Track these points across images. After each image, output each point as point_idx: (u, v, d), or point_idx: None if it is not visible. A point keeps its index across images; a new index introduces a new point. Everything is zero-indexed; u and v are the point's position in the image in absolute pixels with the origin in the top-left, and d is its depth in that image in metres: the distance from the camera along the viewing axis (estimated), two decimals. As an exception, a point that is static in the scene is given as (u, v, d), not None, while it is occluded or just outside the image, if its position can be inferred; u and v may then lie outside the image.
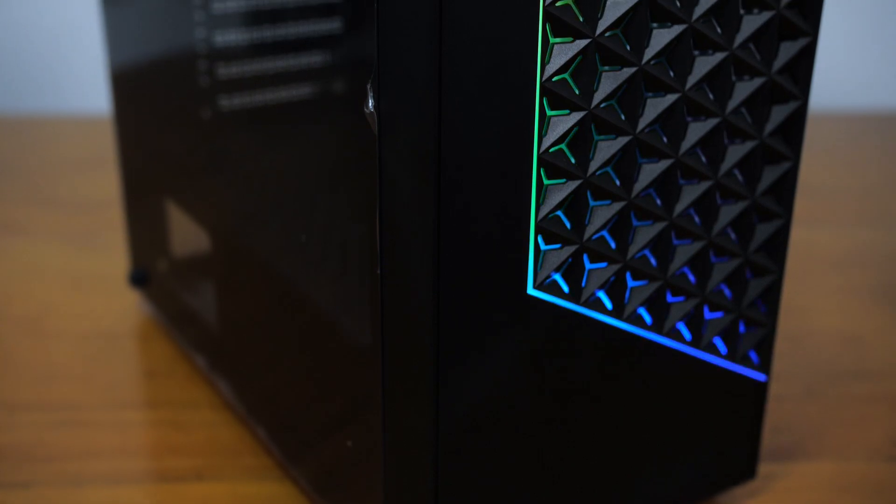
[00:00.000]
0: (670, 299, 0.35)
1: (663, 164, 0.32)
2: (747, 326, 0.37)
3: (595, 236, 0.32)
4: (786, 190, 0.35)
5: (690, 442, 0.37)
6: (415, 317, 0.31)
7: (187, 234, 0.48)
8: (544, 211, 0.31)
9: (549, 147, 0.30)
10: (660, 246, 0.33)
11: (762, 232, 0.36)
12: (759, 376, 0.38)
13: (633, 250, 0.33)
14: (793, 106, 0.34)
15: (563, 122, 0.30)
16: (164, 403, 0.48)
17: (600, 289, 0.33)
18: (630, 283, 0.33)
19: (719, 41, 0.32)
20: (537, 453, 0.34)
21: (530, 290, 0.31)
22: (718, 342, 0.36)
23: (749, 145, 0.34)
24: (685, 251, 0.34)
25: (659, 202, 0.33)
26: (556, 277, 0.32)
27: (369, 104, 0.29)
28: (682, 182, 0.33)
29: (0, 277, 0.61)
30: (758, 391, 0.38)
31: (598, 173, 0.31)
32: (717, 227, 0.34)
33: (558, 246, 0.31)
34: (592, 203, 0.32)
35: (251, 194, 0.40)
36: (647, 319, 0.34)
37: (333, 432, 0.37)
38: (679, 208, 0.33)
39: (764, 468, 0.43)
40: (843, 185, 0.78)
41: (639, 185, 0.32)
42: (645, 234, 0.33)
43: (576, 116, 0.30)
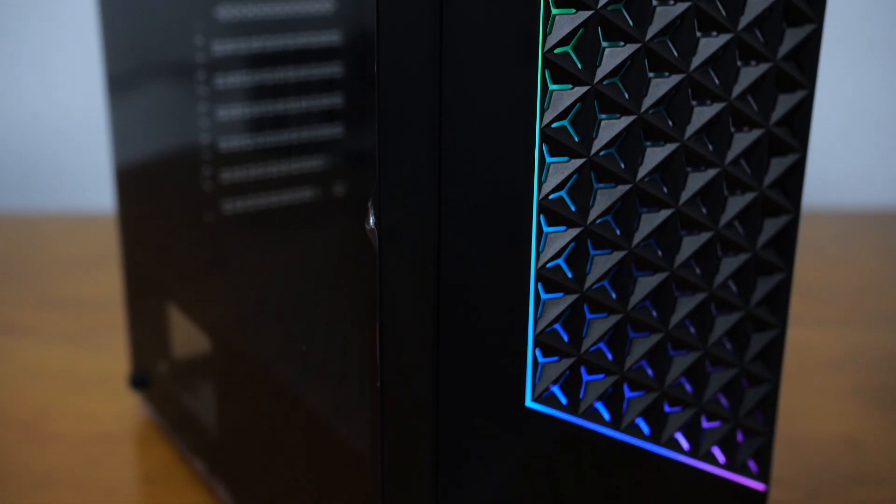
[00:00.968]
0: (668, 409, 0.35)
1: (658, 276, 0.33)
2: (745, 435, 0.37)
3: (592, 348, 0.32)
4: (780, 299, 0.36)
5: (690, 552, 0.37)
6: (414, 426, 0.31)
7: (188, 336, 0.48)
8: (542, 324, 0.31)
9: (545, 262, 0.31)
10: (657, 357, 0.34)
11: (757, 342, 0.36)
12: (759, 485, 0.38)
13: (629, 361, 0.33)
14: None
15: (560, 238, 0.31)
16: (162, 509, 0.48)
17: (598, 400, 0.33)
18: (627, 394, 0.34)
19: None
20: (537, 565, 0.34)
21: (529, 403, 0.32)
22: (717, 451, 0.37)
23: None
24: (682, 361, 0.35)
25: (655, 313, 0.34)
26: (555, 390, 0.32)
27: (370, 221, 0.30)
28: (677, 294, 0.34)
29: (1, 379, 0.61)
30: (757, 501, 0.38)
31: (594, 287, 0.32)
32: (712, 338, 0.35)
33: (556, 359, 0.32)
34: (590, 316, 0.32)
35: (252, 298, 0.41)
36: (645, 430, 0.34)
37: (332, 542, 0.36)
38: (675, 320, 0.34)
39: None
40: (835, 284, 0.78)
41: (634, 298, 0.33)
42: (642, 344, 0.34)
43: (572, 233, 0.31)
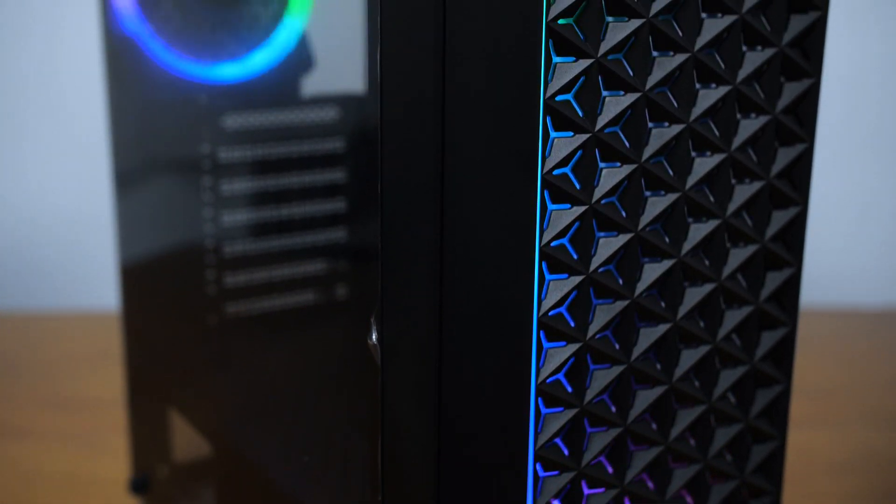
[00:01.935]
0: (669, 523, 0.35)
1: (657, 390, 0.33)
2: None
3: (593, 462, 0.33)
4: (779, 409, 0.36)
5: None
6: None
7: (189, 440, 0.48)
8: (542, 439, 0.31)
9: (546, 378, 0.31)
10: (657, 470, 0.34)
11: (758, 453, 0.36)
12: None
13: (630, 475, 0.33)
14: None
15: (559, 354, 0.31)
16: None
17: (599, 513, 0.33)
18: (628, 507, 0.34)
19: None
20: None
21: (530, 518, 0.32)
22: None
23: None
24: (682, 475, 0.35)
25: (655, 426, 0.34)
26: (556, 504, 0.32)
27: (373, 336, 0.30)
28: (676, 406, 0.34)
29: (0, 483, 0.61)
30: None
31: (594, 401, 0.32)
32: (712, 450, 0.35)
33: (556, 473, 0.32)
34: (590, 430, 0.33)
35: (254, 403, 0.41)
36: (647, 544, 0.34)
37: None
38: (674, 432, 0.34)
39: None
40: (838, 384, 0.78)
41: (634, 411, 0.33)
42: (642, 457, 0.34)
43: (571, 348, 0.31)
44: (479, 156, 0.29)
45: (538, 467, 0.32)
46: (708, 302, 0.34)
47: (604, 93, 0.30)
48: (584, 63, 0.30)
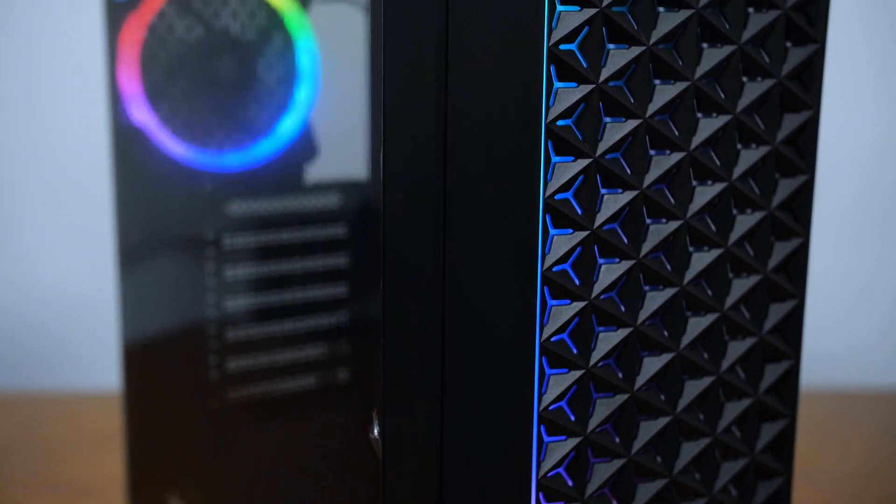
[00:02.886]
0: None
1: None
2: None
3: (596, 493, 0.32)
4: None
5: None
6: None
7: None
8: None
9: (546, 472, 0.31)
10: None
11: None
12: None
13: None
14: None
15: (560, 448, 0.31)
16: None
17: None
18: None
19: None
20: None
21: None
22: None
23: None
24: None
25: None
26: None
27: (374, 431, 0.30)
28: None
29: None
30: None
31: (595, 494, 0.32)
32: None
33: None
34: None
35: (255, 488, 0.40)
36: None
37: None
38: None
39: None
40: (838, 470, 0.77)
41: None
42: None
43: (572, 443, 0.32)
44: (480, 251, 0.30)
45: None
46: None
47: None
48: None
